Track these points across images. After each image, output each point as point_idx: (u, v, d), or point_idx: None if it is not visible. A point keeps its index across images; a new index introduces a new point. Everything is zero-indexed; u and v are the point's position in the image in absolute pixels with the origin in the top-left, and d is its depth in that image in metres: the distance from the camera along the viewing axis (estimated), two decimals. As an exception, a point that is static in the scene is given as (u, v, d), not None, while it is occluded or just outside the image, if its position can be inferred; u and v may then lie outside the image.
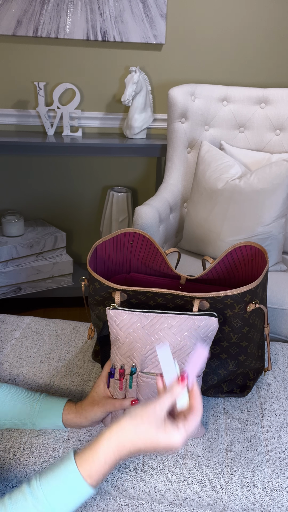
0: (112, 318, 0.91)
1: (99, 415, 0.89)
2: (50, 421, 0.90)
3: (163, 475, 0.88)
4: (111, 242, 1.09)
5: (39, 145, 1.94)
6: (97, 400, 0.90)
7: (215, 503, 0.87)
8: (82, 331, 1.27)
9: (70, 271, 2.24)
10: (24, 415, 0.90)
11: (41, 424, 0.91)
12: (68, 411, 0.90)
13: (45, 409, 0.90)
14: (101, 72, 2.13)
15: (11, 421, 0.91)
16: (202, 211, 1.75)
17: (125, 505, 0.89)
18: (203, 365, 0.73)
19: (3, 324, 1.28)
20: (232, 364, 1.02)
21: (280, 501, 0.86)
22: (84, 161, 2.29)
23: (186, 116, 1.91)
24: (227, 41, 2.12)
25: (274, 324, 1.52)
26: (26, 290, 2.18)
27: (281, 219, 1.65)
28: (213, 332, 0.90)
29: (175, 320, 0.89)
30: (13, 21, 1.96)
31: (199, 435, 0.96)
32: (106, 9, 1.98)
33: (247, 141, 1.96)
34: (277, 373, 1.15)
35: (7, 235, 2.15)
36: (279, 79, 2.21)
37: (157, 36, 2.04)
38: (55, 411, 0.90)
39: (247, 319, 0.97)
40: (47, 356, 1.16)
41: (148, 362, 0.90)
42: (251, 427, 0.99)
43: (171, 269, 1.09)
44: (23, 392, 0.93)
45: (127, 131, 2.10)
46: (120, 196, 2.22)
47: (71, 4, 1.97)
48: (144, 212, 1.67)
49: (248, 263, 1.08)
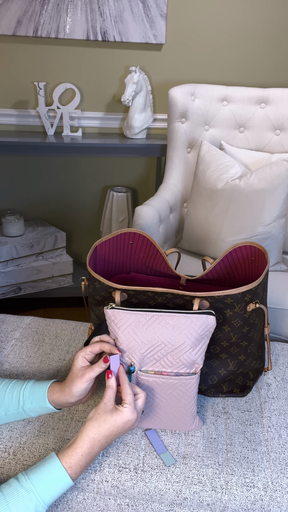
0: (110, 318, 0.91)
1: (83, 386, 0.88)
2: (38, 404, 0.91)
3: (163, 475, 0.88)
4: (111, 242, 1.09)
5: (39, 145, 1.94)
6: (76, 373, 0.89)
7: (215, 503, 0.87)
8: (82, 331, 1.27)
9: (70, 271, 2.24)
10: (15, 403, 0.91)
11: (31, 409, 0.91)
12: (53, 391, 0.90)
13: (32, 393, 0.91)
14: (101, 72, 2.13)
15: (5, 412, 0.92)
16: (202, 211, 1.75)
17: (125, 505, 0.89)
18: (118, 363, 0.88)
19: (3, 324, 1.28)
20: (232, 364, 1.02)
21: (280, 501, 0.86)
22: (84, 161, 2.29)
23: (186, 116, 1.91)
24: (227, 41, 2.12)
25: (274, 324, 1.52)
26: (26, 290, 2.18)
27: (281, 219, 1.65)
28: (211, 330, 0.91)
29: (173, 319, 0.89)
30: (13, 21, 1.96)
31: (197, 428, 0.96)
32: (106, 9, 1.98)
33: (247, 141, 1.96)
34: (277, 373, 1.15)
35: (7, 235, 2.15)
36: (279, 79, 2.21)
37: (157, 36, 2.04)
38: (41, 393, 0.91)
39: (247, 319, 0.97)
40: (47, 356, 1.16)
41: (146, 361, 0.90)
42: (251, 427, 0.99)
43: (171, 270, 1.09)
44: (12, 382, 0.94)
45: (127, 131, 2.10)
46: (120, 196, 2.22)
47: (71, 4, 1.97)
48: (144, 212, 1.67)
49: (248, 263, 1.08)
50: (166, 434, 0.96)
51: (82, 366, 0.90)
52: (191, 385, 0.90)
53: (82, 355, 0.90)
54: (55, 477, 0.78)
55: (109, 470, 0.89)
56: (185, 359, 0.89)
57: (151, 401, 0.93)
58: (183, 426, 0.95)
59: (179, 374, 0.90)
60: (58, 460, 0.80)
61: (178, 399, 0.92)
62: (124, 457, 0.91)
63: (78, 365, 0.90)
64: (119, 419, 0.83)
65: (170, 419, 0.94)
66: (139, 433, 0.96)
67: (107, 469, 0.89)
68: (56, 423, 0.97)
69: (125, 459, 0.90)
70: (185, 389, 0.91)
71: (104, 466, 0.89)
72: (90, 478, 0.88)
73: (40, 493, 0.76)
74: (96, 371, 0.88)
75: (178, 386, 0.90)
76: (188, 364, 0.89)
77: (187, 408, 0.92)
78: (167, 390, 0.91)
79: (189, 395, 0.91)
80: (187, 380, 0.90)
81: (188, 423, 0.94)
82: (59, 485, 0.78)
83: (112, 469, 0.89)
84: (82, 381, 0.88)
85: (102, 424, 0.82)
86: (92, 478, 0.88)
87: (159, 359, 0.90)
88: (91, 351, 0.90)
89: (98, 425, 0.82)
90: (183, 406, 0.92)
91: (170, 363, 0.90)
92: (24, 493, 0.76)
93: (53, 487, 0.78)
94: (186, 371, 0.90)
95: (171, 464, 0.90)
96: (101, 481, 0.88)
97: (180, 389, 0.91)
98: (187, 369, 0.90)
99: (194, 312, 0.90)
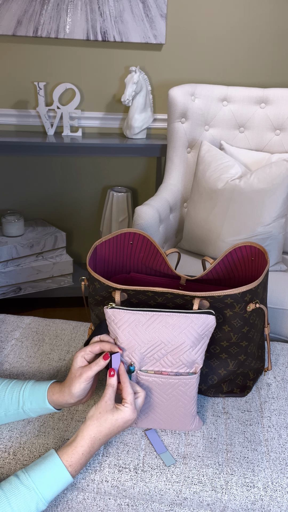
0: (110, 317, 0.91)
1: (81, 386, 0.88)
2: (38, 405, 0.91)
3: (163, 475, 0.88)
4: (111, 242, 1.09)
5: (39, 145, 1.94)
6: (75, 373, 0.89)
7: (215, 503, 0.87)
8: (82, 331, 1.27)
9: (70, 271, 2.24)
10: (14, 403, 0.91)
11: (31, 409, 0.91)
12: (52, 391, 0.90)
13: (32, 394, 0.91)
14: (101, 72, 2.13)
15: (5, 412, 0.91)
16: (202, 211, 1.75)
17: (125, 505, 0.89)
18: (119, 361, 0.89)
19: (3, 324, 1.28)
20: (232, 364, 1.02)
21: (280, 501, 0.86)
22: (84, 161, 2.29)
23: (186, 116, 1.91)
24: (227, 41, 2.12)
25: (274, 324, 1.52)
26: (26, 290, 2.18)
27: (281, 219, 1.65)
28: (211, 329, 0.91)
29: (172, 319, 0.89)
30: (13, 21, 1.96)
31: (197, 428, 0.96)
32: (106, 9, 1.98)
33: (247, 141, 1.96)
34: (277, 373, 1.15)
35: (7, 235, 2.15)
36: (279, 79, 2.21)
37: (157, 36, 2.04)
38: (41, 394, 0.91)
39: (247, 319, 0.97)
40: (47, 356, 1.16)
41: (146, 361, 0.90)
42: (251, 427, 0.99)
43: (171, 270, 1.09)
44: (12, 383, 0.94)
45: (127, 131, 2.10)
46: (120, 196, 2.22)
47: (71, 4, 1.97)
48: (144, 212, 1.67)
49: (248, 263, 1.08)
50: (166, 434, 0.96)
51: (80, 366, 0.89)
52: (191, 384, 0.90)
53: (82, 355, 0.90)
54: (56, 475, 0.79)
55: (109, 470, 0.89)
56: (185, 359, 0.89)
57: (151, 401, 0.93)
58: (183, 426, 0.95)
59: (179, 374, 0.90)
60: (58, 458, 0.80)
61: (178, 399, 0.92)
62: (124, 457, 0.91)
63: (76, 365, 0.89)
64: (120, 418, 0.83)
65: (170, 419, 0.94)
66: (139, 433, 0.96)
67: (107, 469, 0.89)
68: (56, 423, 0.97)
69: (125, 459, 0.90)
70: (185, 389, 0.91)
71: (104, 466, 0.89)
72: (90, 478, 0.88)
73: (42, 491, 0.77)
74: (94, 369, 0.88)
75: (178, 386, 0.90)
76: (188, 363, 0.89)
77: (187, 408, 0.92)
78: (167, 390, 0.91)
79: (189, 395, 0.91)
80: (187, 380, 0.90)
81: (188, 423, 0.94)
82: (60, 483, 0.79)
83: (112, 469, 0.89)
84: (80, 381, 0.87)
85: (103, 423, 0.83)
86: (92, 478, 0.88)
87: (159, 358, 0.90)
88: (91, 351, 0.90)
89: (99, 424, 0.83)
90: (183, 406, 0.92)
91: (170, 362, 0.90)
92: (25, 491, 0.76)
93: (54, 485, 0.79)
94: (186, 370, 0.90)
95: (171, 464, 0.90)
96: (101, 481, 0.88)
97: (180, 388, 0.91)
98: (187, 368, 0.90)
99: (194, 311, 0.90)
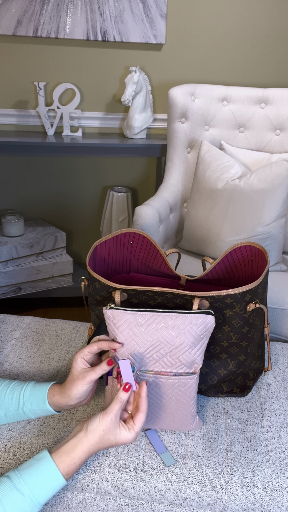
0: (109, 318, 0.91)
1: (83, 389, 0.87)
2: (38, 406, 0.90)
3: (163, 475, 0.88)
4: (111, 242, 1.09)
5: (39, 145, 1.94)
6: (76, 375, 0.89)
7: (215, 503, 0.87)
8: (82, 331, 1.27)
9: (70, 271, 2.25)
10: (15, 404, 0.91)
11: (31, 411, 0.91)
12: (53, 393, 0.90)
13: (32, 395, 0.91)
14: (101, 72, 2.13)
15: (5, 413, 0.91)
16: (202, 211, 1.75)
17: (125, 505, 0.89)
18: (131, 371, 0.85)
19: (3, 324, 1.28)
20: (232, 364, 1.02)
21: (280, 501, 0.86)
22: (84, 161, 2.29)
23: (186, 116, 1.91)
24: (227, 41, 2.12)
25: (274, 324, 1.52)
26: (26, 290, 2.18)
27: (281, 219, 1.65)
28: (210, 329, 0.90)
29: (172, 319, 0.89)
30: (13, 21, 1.96)
31: (197, 428, 0.96)
32: (106, 9, 1.98)
33: (247, 141, 1.96)
34: (277, 373, 1.15)
35: (7, 235, 2.15)
36: (279, 79, 2.21)
37: (157, 36, 2.04)
38: (41, 395, 0.90)
39: (247, 319, 0.97)
40: (47, 356, 1.16)
41: (146, 361, 0.90)
42: (251, 427, 0.99)
43: (171, 270, 1.09)
44: (12, 383, 0.94)
45: (127, 131, 2.10)
46: (120, 196, 2.22)
47: (71, 4, 1.97)
48: (144, 212, 1.67)
49: (248, 263, 1.08)
50: (166, 434, 0.96)
51: (82, 368, 0.89)
52: (190, 385, 0.90)
53: (81, 356, 0.90)
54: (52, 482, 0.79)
55: (109, 470, 0.89)
56: (185, 359, 0.89)
57: (151, 401, 0.93)
58: (183, 426, 0.95)
59: (179, 374, 0.90)
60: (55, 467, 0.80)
61: (178, 399, 0.92)
62: (124, 457, 0.91)
63: (78, 367, 0.89)
64: (121, 441, 0.83)
65: (170, 419, 0.94)
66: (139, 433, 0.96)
67: (107, 469, 0.89)
68: (56, 423, 0.97)
69: (125, 459, 0.90)
70: (185, 389, 0.91)
71: (104, 466, 0.89)
72: (90, 478, 0.88)
73: (38, 499, 0.77)
74: (98, 373, 0.87)
75: (178, 386, 0.90)
76: (188, 364, 0.89)
77: (187, 408, 0.92)
78: (166, 390, 0.91)
79: (189, 395, 0.91)
80: (186, 380, 0.90)
81: (188, 423, 0.94)
82: (56, 489, 0.80)
83: (112, 469, 0.89)
84: (83, 383, 0.87)
85: (105, 442, 0.83)
86: (92, 478, 0.88)
87: (158, 359, 0.90)
88: (89, 352, 0.89)
89: (100, 442, 0.82)
90: (183, 406, 0.92)
91: (169, 363, 0.90)
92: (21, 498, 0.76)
93: (50, 492, 0.79)
94: (186, 371, 0.90)
95: (171, 464, 0.90)
96: (101, 481, 0.88)
97: (180, 389, 0.91)
98: (186, 369, 0.90)
99: (193, 311, 0.90)
